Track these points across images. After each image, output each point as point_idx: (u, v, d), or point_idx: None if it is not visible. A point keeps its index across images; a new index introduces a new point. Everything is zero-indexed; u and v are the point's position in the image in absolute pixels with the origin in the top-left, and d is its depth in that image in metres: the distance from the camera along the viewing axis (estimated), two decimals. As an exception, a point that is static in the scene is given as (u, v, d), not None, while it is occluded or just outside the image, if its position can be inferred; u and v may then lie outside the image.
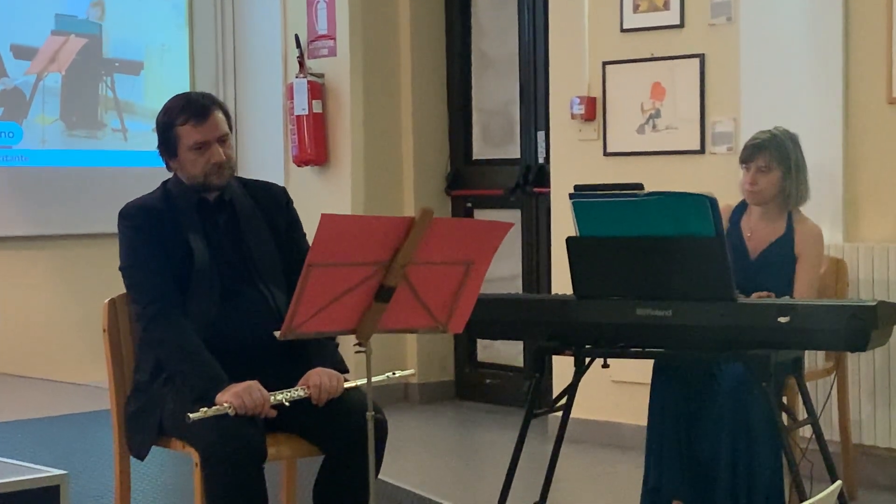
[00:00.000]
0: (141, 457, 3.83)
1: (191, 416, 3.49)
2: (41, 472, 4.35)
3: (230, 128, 3.91)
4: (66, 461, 4.90)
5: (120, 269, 3.87)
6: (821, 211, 5.52)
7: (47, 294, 8.16)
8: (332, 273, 3.35)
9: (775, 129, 5.01)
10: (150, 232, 3.82)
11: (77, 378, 7.77)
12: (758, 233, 4.95)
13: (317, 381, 3.69)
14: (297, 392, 3.66)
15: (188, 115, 3.82)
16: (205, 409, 3.53)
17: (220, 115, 3.86)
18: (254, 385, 3.61)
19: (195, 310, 3.77)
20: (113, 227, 3.92)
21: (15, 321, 7.91)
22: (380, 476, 3.74)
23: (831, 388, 5.22)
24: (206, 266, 3.80)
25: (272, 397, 3.62)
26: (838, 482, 1.59)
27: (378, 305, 3.47)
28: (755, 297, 4.59)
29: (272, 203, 3.99)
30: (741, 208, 5.02)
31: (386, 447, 3.76)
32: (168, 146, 3.86)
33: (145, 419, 3.78)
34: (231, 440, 3.54)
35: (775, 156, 4.87)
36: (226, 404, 3.56)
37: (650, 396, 4.75)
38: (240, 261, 3.86)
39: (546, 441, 5.69)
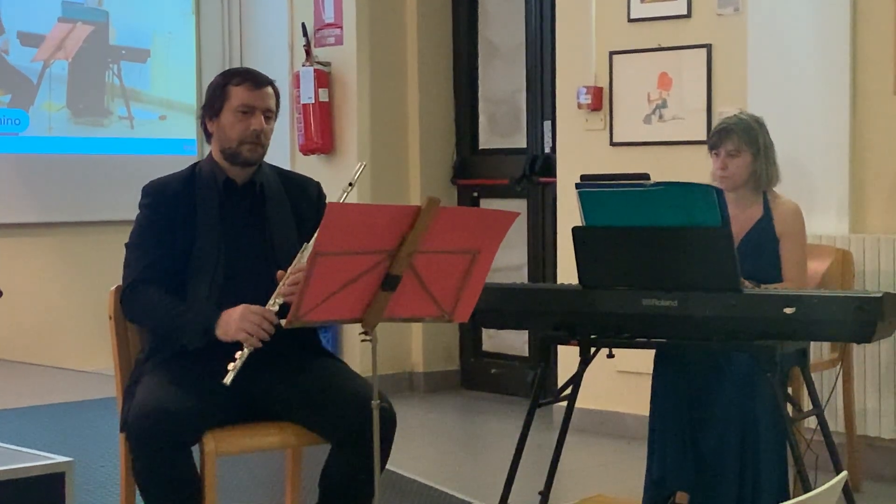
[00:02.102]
0: (121, 429, 3.80)
1: (225, 381, 3.51)
2: (47, 459, 4.36)
3: (275, 114, 3.95)
4: (72, 448, 4.91)
5: (125, 245, 3.90)
6: (827, 202, 5.53)
7: (53, 281, 8.17)
8: (338, 262, 3.36)
9: (740, 114, 5.01)
10: (160, 212, 3.83)
11: (83, 365, 7.79)
12: (736, 219, 4.90)
13: None
14: (279, 299, 3.64)
15: (246, 78, 3.88)
16: (231, 364, 3.54)
17: (272, 92, 3.92)
18: (246, 311, 3.63)
19: (193, 293, 3.76)
20: (119, 215, 3.94)
21: (21, 308, 7.92)
22: (386, 464, 3.74)
23: (836, 380, 5.21)
24: (211, 250, 3.78)
25: (269, 305, 3.63)
26: (843, 473, 1.60)
27: (384, 294, 3.47)
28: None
29: (302, 195, 3.96)
30: None
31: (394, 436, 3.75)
32: (214, 105, 3.88)
33: (130, 393, 3.77)
34: (153, 419, 3.55)
35: (743, 139, 4.85)
36: (246, 347, 3.57)
37: (652, 387, 4.75)
38: (259, 247, 3.82)
39: (551, 431, 5.69)
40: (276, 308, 3.63)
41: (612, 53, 6.42)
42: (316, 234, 3.38)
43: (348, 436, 3.66)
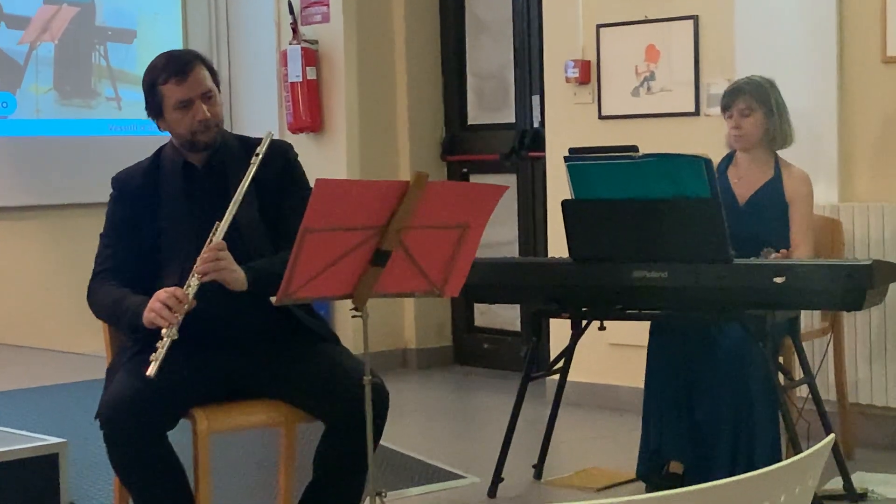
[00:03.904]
0: (95, 417, 3.66)
1: (149, 373, 3.41)
2: (41, 440, 4.39)
3: (217, 84, 3.81)
4: (65, 429, 4.91)
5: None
6: (816, 170, 5.52)
7: (43, 264, 8.16)
8: (327, 238, 3.35)
9: (752, 75, 5.03)
10: (124, 204, 3.79)
11: (74, 347, 7.78)
12: (746, 178, 4.93)
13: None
14: (193, 279, 3.54)
15: (169, 73, 3.72)
16: (153, 356, 3.44)
17: (202, 72, 3.75)
18: (155, 297, 3.52)
19: (166, 281, 3.65)
20: (107, 197, 3.91)
21: (11, 291, 7.91)
22: (380, 441, 3.74)
23: (827, 348, 5.23)
24: (179, 237, 3.70)
25: (184, 290, 3.51)
26: (832, 435, 1.61)
27: (374, 270, 3.47)
28: (774, 258, 4.58)
29: (264, 163, 3.72)
30: (727, 160, 5.01)
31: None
32: (153, 106, 3.77)
33: (108, 382, 3.74)
34: (120, 411, 3.51)
35: (754, 96, 4.87)
36: (164, 334, 3.46)
37: (647, 359, 4.76)
38: (226, 235, 3.63)
39: (544, 404, 5.71)
40: (193, 289, 3.52)
41: (599, 26, 6.42)
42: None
43: (342, 416, 3.63)
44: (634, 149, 4.58)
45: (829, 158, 5.56)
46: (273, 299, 3.40)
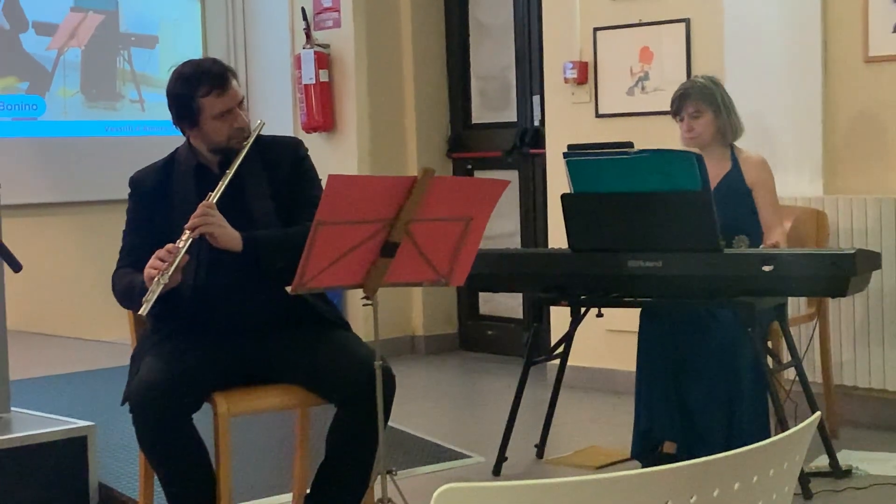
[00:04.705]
0: (122, 402, 3.68)
1: (141, 312, 3.44)
2: (70, 423, 4.40)
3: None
4: (93, 413, 4.92)
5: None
6: (801, 165, 5.53)
7: (71, 257, 8.17)
8: (339, 231, 3.36)
9: (695, 77, 5.01)
10: (138, 202, 3.79)
11: (100, 335, 7.79)
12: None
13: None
14: (185, 234, 3.55)
15: (210, 86, 3.69)
16: (144, 300, 3.46)
17: (235, 81, 3.76)
18: (152, 257, 3.55)
19: (182, 277, 3.63)
20: (130, 194, 3.90)
21: (41, 283, 7.92)
22: (389, 423, 3.74)
23: (813, 332, 5.23)
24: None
25: (176, 244, 3.53)
26: (817, 413, 1.61)
27: (383, 260, 3.48)
28: (761, 248, 4.57)
29: (276, 159, 3.80)
30: None
31: (395, 395, 3.73)
32: (189, 117, 3.72)
33: (134, 369, 3.74)
34: (149, 395, 3.51)
35: (701, 99, 4.84)
36: (157, 280, 3.47)
37: (638, 343, 4.75)
38: (241, 225, 3.65)
39: (545, 387, 5.71)
40: (185, 244, 3.52)
41: (595, 30, 6.41)
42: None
43: (352, 397, 3.63)
44: (629, 145, 4.57)
45: (814, 153, 5.55)
46: (289, 288, 3.41)
